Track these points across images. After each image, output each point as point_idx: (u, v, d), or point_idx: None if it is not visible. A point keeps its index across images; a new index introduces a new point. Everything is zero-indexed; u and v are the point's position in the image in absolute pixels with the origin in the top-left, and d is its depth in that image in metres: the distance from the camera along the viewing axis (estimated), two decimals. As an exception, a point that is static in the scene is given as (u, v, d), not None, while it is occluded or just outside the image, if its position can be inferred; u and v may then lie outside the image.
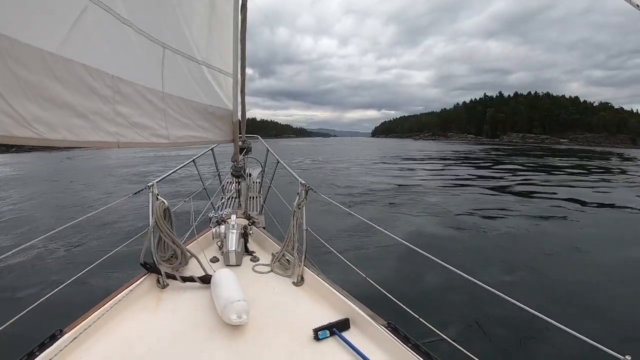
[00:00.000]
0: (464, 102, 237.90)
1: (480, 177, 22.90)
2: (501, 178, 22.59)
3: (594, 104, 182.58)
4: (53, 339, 1.83)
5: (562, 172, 27.42)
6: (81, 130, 1.99)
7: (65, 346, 1.82)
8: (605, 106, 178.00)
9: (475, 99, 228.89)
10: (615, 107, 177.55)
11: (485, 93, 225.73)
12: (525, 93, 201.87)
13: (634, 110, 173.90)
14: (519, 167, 31.62)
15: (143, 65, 2.54)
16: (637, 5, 1.24)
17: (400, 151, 55.41)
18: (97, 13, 1.99)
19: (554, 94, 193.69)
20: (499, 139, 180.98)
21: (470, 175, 24.03)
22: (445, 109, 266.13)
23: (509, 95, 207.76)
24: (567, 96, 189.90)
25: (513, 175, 24.18)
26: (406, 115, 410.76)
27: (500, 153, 54.23)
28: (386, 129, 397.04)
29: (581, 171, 28.73)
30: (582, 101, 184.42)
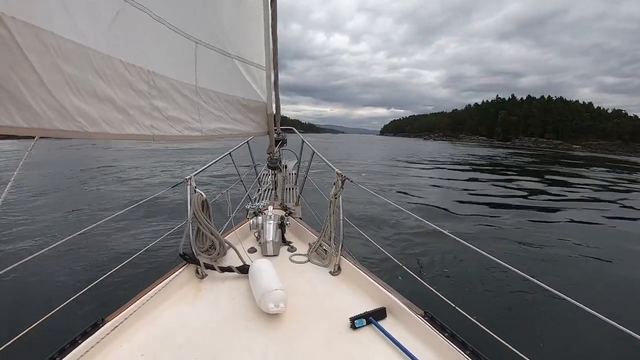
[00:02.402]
0: (476, 103, 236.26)
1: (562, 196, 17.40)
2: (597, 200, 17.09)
3: (608, 111, 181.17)
4: (95, 327, 1.87)
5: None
6: (120, 123, 2.06)
7: (107, 334, 1.87)
8: (619, 113, 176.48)
9: (487, 100, 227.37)
10: (630, 114, 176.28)
11: (497, 95, 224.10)
12: (536, 96, 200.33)
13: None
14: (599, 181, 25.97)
15: (177, 61, 2.64)
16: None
17: (418, 152, 53.91)
18: (132, 12, 2.10)
19: (567, 99, 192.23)
20: (511, 142, 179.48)
21: (545, 189, 19.48)
22: (456, 109, 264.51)
23: (521, 98, 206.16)
24: (580, 102, 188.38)
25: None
26: (415, 114, 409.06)
27: (528, 159, 51.36)
28: (395, 128, 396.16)
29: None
30: (595, 107, 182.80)
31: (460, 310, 2.08)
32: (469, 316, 2.02)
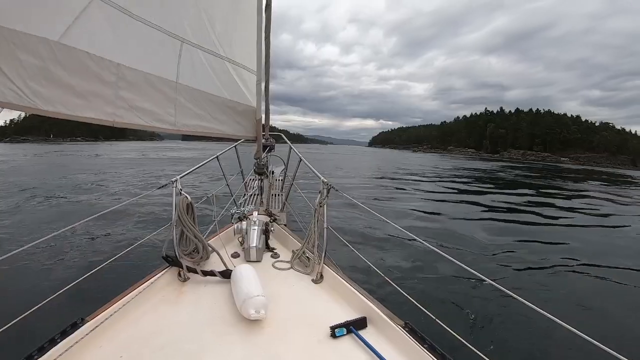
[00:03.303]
0: (464, 115, 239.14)
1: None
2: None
3: (596, 124, 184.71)
4: (75, 326, 1.87)
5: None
6: (77, 107, 2.27)
7: (86, 334, 1.87)
8: (606, 126, 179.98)
9: (475, 113, 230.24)
10: (617, 127, 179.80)
11: (486, 108, 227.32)
12: (523, 109, 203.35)
13: (634, 132, 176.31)
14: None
15: (156, 57, 2.76)
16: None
17: (409, 165, 53.74)
18: (101, 7, 2.29)
19: (555, 112, 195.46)
20: (499, 154, 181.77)
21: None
22: (445, 121, 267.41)
23: (510, 111, 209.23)
24: (568, 114, 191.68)
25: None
26: (404, 126, 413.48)
27: (524, 173, 51.22)
28: (384, 139, 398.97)
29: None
30: (583, 120, 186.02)
31: (441, 323, 2.09)
32: (449, 329, 2.03)
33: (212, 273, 2.71)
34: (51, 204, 11.50)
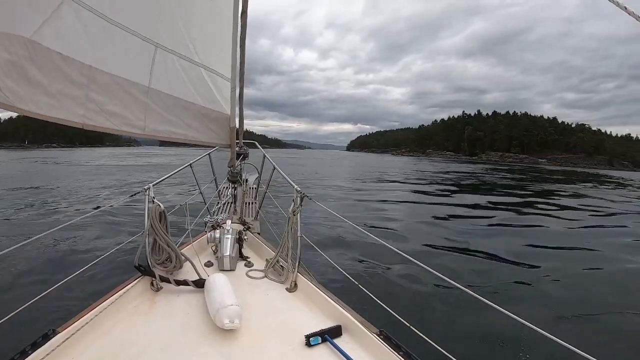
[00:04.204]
0: (442, 119, 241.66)
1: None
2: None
3: (572, 125, 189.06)
4: (46, 338, 1.85)
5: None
6: (48, 106, 2.31)
7: (58, 346, 1.85)
8: (582, 127, 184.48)
9: (453, 116, 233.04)
10: (593, 128, 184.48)
11: (463, 111, 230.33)
12: (500, 112, 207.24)
13: (609, 133, 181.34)
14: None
15: (128, 60, 2.78)
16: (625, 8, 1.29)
17: (392, 168, 53.31)
18: (74, 9, 2.32)
19: (532, 114, 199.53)
20: (478, 157, 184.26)
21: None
22: (423, 125, 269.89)
23: (487, 113, 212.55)
24: (545, 117, 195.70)
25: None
26: (382, 130, 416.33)
27: (509, 175, 51.29)
28: (362, 143, 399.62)
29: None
30: (560, 122, 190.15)
31: (415, 330, 2.13)
32: (423, 335, 2.06)
33: (185, 282, 2.70)
34: (18, 214, 11.18)
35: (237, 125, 3.90)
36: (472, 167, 70.57)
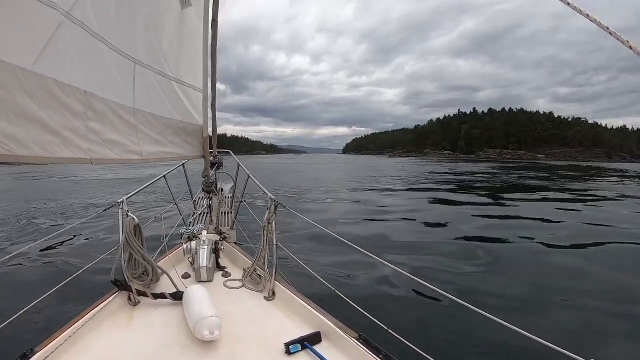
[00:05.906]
0: (438, 118, 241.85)
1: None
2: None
3: (568, 119, 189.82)
4: (24, 358, 1.85)
5: None
6: (53, 146, 2.00)
7: None
8: (578, 121, 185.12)
9: (448, 115, 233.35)
10: (590, 121, 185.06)
11: (459, 109, 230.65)
12: (495, 109, 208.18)
13: (605, 125, 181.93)
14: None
15: (115, 81, 2.61)
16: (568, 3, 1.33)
17: (397, 172, 48.15)
18: (71, 29, 2.05)
19: (527, 110, 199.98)
20: (475, 154, 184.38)
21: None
22: (418, 125, 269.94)
23: (482, 111, 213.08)
24: (540, 112, 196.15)
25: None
26: (377, 132, 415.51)
27: (525, 172, 47.88)
28: (357, 146, 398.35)
29: None
30: (556, 116, 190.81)
31: (394, 333, 2.16)
32: (402, 338, 2.10)
33: (162, 295, 2.71)
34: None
35: (210, 134, 3.90)
36: (479, 166, 67.65)
